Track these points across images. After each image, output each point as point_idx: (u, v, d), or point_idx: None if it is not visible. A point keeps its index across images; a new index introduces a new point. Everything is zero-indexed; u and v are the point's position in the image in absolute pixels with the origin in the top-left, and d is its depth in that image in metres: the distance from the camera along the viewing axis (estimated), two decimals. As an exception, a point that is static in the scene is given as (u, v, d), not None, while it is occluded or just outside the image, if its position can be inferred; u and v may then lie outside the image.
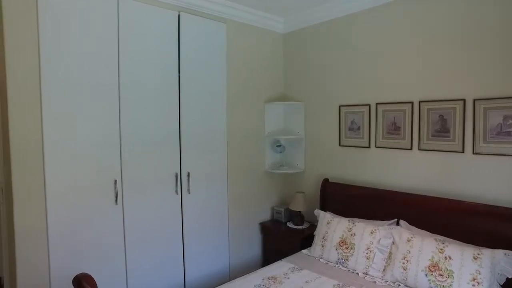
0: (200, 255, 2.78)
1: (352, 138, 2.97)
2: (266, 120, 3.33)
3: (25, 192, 2.04)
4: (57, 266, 2.10)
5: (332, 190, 2.99)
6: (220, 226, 2.93)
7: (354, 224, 2.51)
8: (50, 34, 2.04)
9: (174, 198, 2.60)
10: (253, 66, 3.21)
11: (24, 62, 2.00)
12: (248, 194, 3.19)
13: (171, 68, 2.57)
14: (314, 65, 3.24)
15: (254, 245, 3.27)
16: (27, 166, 2.04)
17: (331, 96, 3.11)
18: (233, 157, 3.03)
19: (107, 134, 2.27)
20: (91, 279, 1.68)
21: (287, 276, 2.30)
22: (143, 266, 2.45)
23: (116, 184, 2.30)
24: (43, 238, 2.09)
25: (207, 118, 2.81)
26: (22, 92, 2.01)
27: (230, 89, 2.99)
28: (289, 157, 3.46)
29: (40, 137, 2.06)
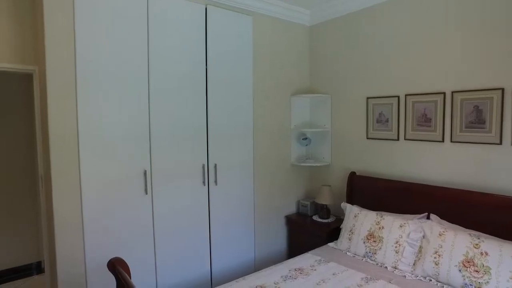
0: (226, 247, 2.82)
1: (380, 130, 2.90)
2: (292, 113, 3.32)
3: (62, 181, 2.14)
4: (91, 251, 2.20)
5: (359, 183, 2.94)
6: (246, 218, 2.95)
7: (382, 218, 2.46)
8: (84, 30, 2.12)
9: (201, 189, 2.65)
10: (279, 59, 3.20)
11: (61, 58, 2.10)
12: (273, 187, 3.19)
13: (199, 61, 2.61)
14: (340, 57, 3.19)
15: (280, 238, 3.28)
16: (64, 156, 2.14)
17: (358, 88, 3.05)
18: (259, 149, 3.05)
19: (137, 126, 2.35)
20: (124, 263, 1.75)
21: (313, 268, 2.29)
22: (171, 254, 2.52)
23: (146, 175, 2.38)
24: (79, 225, 2.19)
25: (233, 110, 2.83)
26: (60, 86, 2.10)
27: (256, 82, 3.00)
28: (315, 150, 3.43)
29: (76, 129, 2.16)
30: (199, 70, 2.62)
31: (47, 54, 2.07)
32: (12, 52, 2.58)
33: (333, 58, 3.25)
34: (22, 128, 3.55)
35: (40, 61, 2.52)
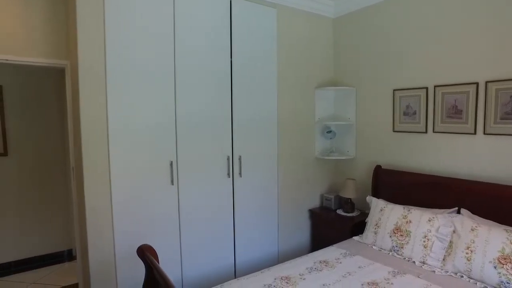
0: (250, 239, 2.84)
1: (407, 123, 2.82)
2: (316, 106, 3.28)
3: (93, 172, 2.22)
4: (119, 239, 2.28)
5: (384, 177, 2.88)
6: (270, 211, 2.96)
7: (409, 212, 2.40)
8: (113, 27, 2.18)
9: (226, 181, 2.68)
10: (303, 51, 3.17)
11: (93, 53, 2.16)
12: (297, 180, 3.18)
13: (224, 54, 2.63)
14: (365, 49, 3.12)
15: (303, 231, 3.27)
16: (95, 148, 2.21)
17: (384, 80, 2.98)
18: (283, 142, 3.04)
19: (164, 118, 2.40)
20: (153, 250, 1.80)
21: (339, 261, 2.27)
22: (196, 244, 2.56)
23: (172, 166, 2.42)
24: (108, 214, 2.27)
25: (258, 103, 2.83)
26: (91, 80, 2.17)
27: (281, 75, 2.99)
28: (340, 143, 3.39)
29: (105, 122, 2.22)
30: (224, 62, 2.64)
31: (79, 50, 2.14)
32: (46, 48, 2.68)
33: (358, 50, 3.19)
34: (55, 121, 3.69)
35: (71, 56, 2.61)
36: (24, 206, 3.56)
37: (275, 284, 1.97)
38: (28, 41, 2.62)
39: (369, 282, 1.95)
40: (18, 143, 3.49)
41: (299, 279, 2.03)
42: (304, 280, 2.02)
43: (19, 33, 2.59)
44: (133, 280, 2.31)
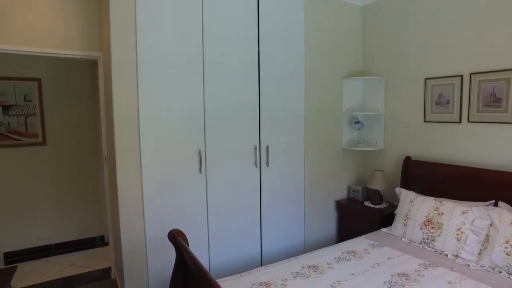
0: (276, 228, 2.85)
1: (439, 113, 2.72)
2: (344, 96, 3.23)
3: (125, 160, 2.29)
4: (150, 225, 2.35)
5: (414, 168, 2.80)
6: (296, 201, 2.96)
7: (441, 204, 2.33)
8: (144, 18, 2.23)
9: (253, 170, 2.70)
10: (331, 40, 3.11)
11: (125, 45, 2.22)
12: (324, 171, 3.15)
13: (251, 43, 2.63)
14: (395, 37, 3.03)
15: (329, 222, 3.24)
16: (127, 137, 2.28)
17: (414, 69, 2.88)
18: (310, 132, 3.01)
19: (193, 107, 2.43)
20: (183, 235, 1.85)
21: (367, 252, 2.24)
22: (223, 232, 2.60)
23: (201, 154, 2.47)
24: (139, 201, 2.34)
25: (285, 93, 2.82)
26: (123, 71, 2.23)
27: (308, 64, 2.95)
28: (367, 134, 3.32)
29: (137, 111, 2.29)
30: (252, 51, 2.64)
31: (112, 42, 2.21)
32: (81, 41, 2.78)
33: (387, 38, 3.10)
34: (89, 112, 3.83)
35: (104, 48, 2.69)
36: (62, 193, 3.74)
37: (303, 272, 1.98)
38: (65, 34, 2.73)
39: (399, 273, 1.92)
40: (55, 133, 3.66)
41: (327, 268, 2.02)
42: (332, 269, 2.01)
43: (56, 27, 2.70)
44: (162, 264, 2.39)
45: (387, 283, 1.82)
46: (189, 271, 1.77)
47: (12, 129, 3.42)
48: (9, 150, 3.41)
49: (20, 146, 3.47)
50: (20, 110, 3.43)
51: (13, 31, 2.57)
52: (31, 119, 3.49)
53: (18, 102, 3.42)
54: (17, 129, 3.44)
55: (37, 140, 3.54)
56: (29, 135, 3.49)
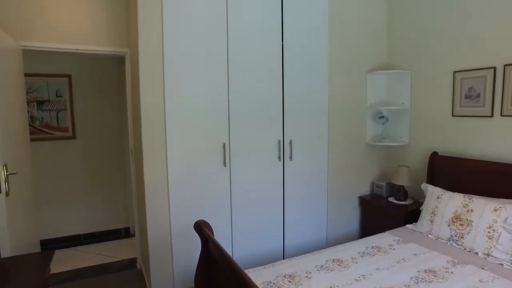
0: (299, 223, 2.86)
1: (469, 107, 2.63)
2: (368, 90, 3.17)
3: (152, 152, 2.36)
4: (175, 216, 2.41)
5: (441, 164, 2.73)
6: (319, 196, 2.94)
7: (471, 200, 2.26)
8: (171, 16, 2.28)
9: (276, 165, 2.71)
10: (355, 33, 3.06)
11: (152, 41, 2.28)
12: (347, 166, 3.12)
13: (275, 36, 2.63)
14: (422, 28, 2.94)
15: (352, 218, 3.21)
16: (153, 130, 2.34)
17: (443, 62, 2.79)
18: (333, 127, 2.99)
19: (217, 101, 2.47)
20: (209, 226, 1.89)
21: (392, 247, 2.21)
22: (246, 225, 2.63)
23: (225, 148, 2.50)
24: (165, 193, 2.40)
25: (309, 87, 2.80)
26: (150, 67, 2.29)
27: (332, 58, 2.92)
28: (392, 129, 3.25)
29: (163, 106, 2.34)
30: (276, 46, 2.64)
31: (139, 38, 2.26)
32: (109, 37, 2.87)
33: (414, 30, 3.01)
34: (115, 107, 3.95)
35: (131, 44, 2.77)
36: (90, 186, 3.89)
37: (327, 266, 1.97)
38: (94, 31, 2.82)
39: (426, 270, 1.88)
40: (84, 127, 3.80)
41: (351, 262, 2.01)
42: (356, 263, 2.00)
43: (86, 24, 2.80)
44: (187, 255, 2.45)
45: (414, 279, 1.79)
46: (215, 261, 1.81)
47: (45, 123, 3.58)
48: (42, 144, 3.57)
49: (52, 140, 3.63)
50: (52, 105, 3.59)
51: (47, 29, 2.69)
52: (62, 114, 3.64)
53: (50, 98, 3.57)
54: (49, 124, 3.59)
55: (68, 134, 3.68)
56: (60, 129, 3.65)
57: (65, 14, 2.74)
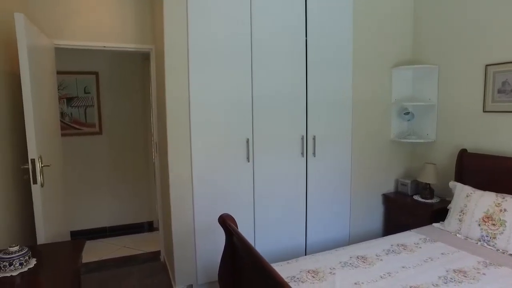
0: (321, 219, 2.84)
1: (502, 102, 2.52)
2: (393, 86, 3.10)
3: (177, 147, 2.40)
4: (198, 210, 2.45)
5: (471, 162, 2.63)
6: (342, 193, 2.91)
7: (504, 199, 2.17)
8: (195, 12, 2.31)
9: (299, 160, 2.70)
10: (380, 27, 3.00)
11: (177, 38, 2.32)
12: (371, 163, 3.07)
13: (299, 30, 2.61)
14: (450, 21, 2.84)
15: (375, 216, 3.15)
16: (178, 125, 2.39)
17: (473, 55, 2.69)
18: (357, 123, 2.94)
19: (241, 97, 2.48)
20: (233, 219, 1.90)
21: (418, 246, 2.16)
22: (269, 220, 2.64)
23: (248, 143, 2.51)
24: (189, 187, 2.44)
25: (333, 82, 2.77)
26: (175, 63, 2.34)
27: (356, 53, 2.87)
28: (418, 125, 3.17)
29: (188, 101, 2.38)
30: (299, 41, 2.62)
31: (165, 35, 2.31)
32: (134, 34, 2.94)
33: (442, 23, 2.91)
34: (139, 102, 4.03)
35: (157, 41, 2.82)
36: (115, 180, 4.00)
37: (351, 262, 1.95)
38: (121, 28, 2.90)
39: (456, 270, 1.83)
40: (110, 123, 3.91)
41: (376, 260, 1.98)
42: (381, 261, 1.97)
43: (113, 22, 2.87)
44: (210, 248, 2.48)
45: (442, 278, 1.74)
46: (238, 254, 1.82)
47: (74, 119, 3.71)
48: (71, 139, 3.70)
49: (80, 135, 3.76)
50: (80, 101, 3.72)
51: (76, 27, 2.78)
52: (89, 110, 3.76)
53: (79, 94, 3.70)
54: (78, 119, 3.72)
55: (95, 129, 3.80)
56: (88, 125, 3.77)
57: (93, 12, 2.82)
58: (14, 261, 1.33)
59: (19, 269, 1.35)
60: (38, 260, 1.46)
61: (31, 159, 2.01)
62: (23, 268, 1.36)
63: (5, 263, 1.32)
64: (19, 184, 2.28)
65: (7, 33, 2.20)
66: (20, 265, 1.35)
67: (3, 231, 1.99)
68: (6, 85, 2.16)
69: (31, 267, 1.39)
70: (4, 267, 1.33)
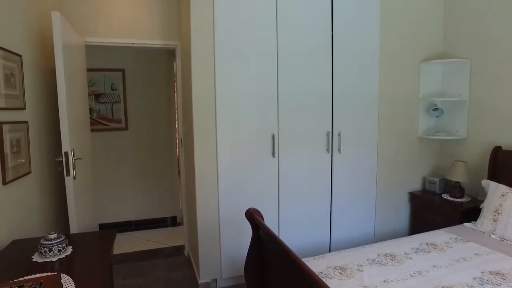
0: (346, 217, 2.80)
1: (540, 98, 2.40)
2: (421, 81, 3.02)
3: (203, 142, 2.43)
4: (223, 204, 2.47)
5: (506, 160, 2.52)
6: (367, 190, 2.86)
7: (542, 199, 2.07)
8: (221, 9, 2.33)
9: (324, 157, 2.67)
10: (408, 21, 2.92)
11: (204, 34, 2.36)
12: (398, 160, 3.00)
13: (325, 25, 2.58)
14: (484, 13, 2.72)
15: (401, 214, 3.08)
16: (204, 120, 2.41)
17: (509, 49, 2.57)
18: (384, 119, 2.88)
19: (267, 92, 2.48)
20: (260, 214, 1.90)
21: (449, 245, 2.09)
22: (293, 216, 2.63)
23: (273, 138, 2.51)
24: (215, 181, 2.47)
25: (359, 78, 2.73)
26: (201, 59, 2.37)
27: (383, 48, 2.81)
28: (447, 122, 3.06)
29: (213, 96, 2.40)
30: (325, 37, 2.59)
31: (192, 32, 2.34)
32: (161, 30, 2.99)
33: (475, 15, 2.80)
34: (163, 99, 4.09)
35: (183, 37, 2.86)
36: (141, 175, 4.07)
37: (379, 260, 1.92)
38: (147, 25, 2.95)
39: (492, 271, 1.76)
40: (135, 119, 3.99)
41: (405, 258, 1.94)
42: (410, 259, 1.92)
43: (140, 19, 2.93)
44: (234, 242, 2.50)
45: (478, 279, 1.68)
46: (265, 249, 1.83)
47: (102, 115, 3.82)
48: (98, 134, 3.81)
49: (107, 131, 3.86)
50: (107, 98, 3.82)
51: (105, 25, 2.85)
52: (116, 106, 3.86)
53: (106, 91, 3.80)
54: (105, 115, 3.83)
55: (121, 125, 3.90)
56: (114, 120, 3.87)
57: (121, 9, 2.89)
58: (53, 248, 1.39)
59: (58, 255, 1.41)
60: (74, 248, 1.51)
61: (65, 151, 2.08)
62: (61, 255, 1.42)
63: (45, 249, 1.38)
64: (53, 177, 2.37)
65: (43, 30, 2.28)
66: (59, 251, 1.41)
67: (40, 220, 2.08)
68: (43, 80, 2.25)
69: (68, 254, 1.45)
70: (45, 252, 1.38)
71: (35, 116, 2.08)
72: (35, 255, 1.44)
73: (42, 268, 1.33)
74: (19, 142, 1.78)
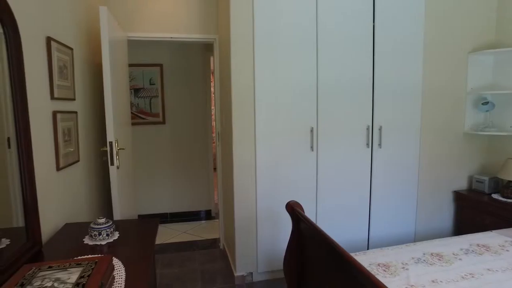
0: (386, 213, 2.70)
1: None
2: (469, 73, 2.83)
3: (241, 135, 2.43)
4: (261, 197, 2.46)
5: None
6: (408, 187, 2.74)
7: None
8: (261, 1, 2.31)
9: (364, 151, 2.59)
10: (457, 7, 2.74)
11: (243, 27, 2.35)
12: (442, 157, 2.84)
13: (366, 17, 2.49)
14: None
15: (445, 214, 2.92)
16: (243, 113, 2.41)
17: None
18: (427, 113, 2.74)
19: (306, 85, 2.44)
20: (300, 206, 1.88)
21: (504, 248, 1.95)
22: (331, 212, 2.57)
23: (312, 132, 2.46)
24: (253, 175, 2.46)
25: (401, 70, 2.61)
26: (241, 51, 2.37)
27: (427, 38, 2.67)
28: (498, 116, 2.86)
29: (252, 89, 2.39)
30: (366, 26, 2.50)
31: (231, 24, 2.34)
32: (198, 24, 3.02)
33: (535, 1, 2.58)
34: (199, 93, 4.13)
35: (221, 31, 2.87)
36: (177, 168, 4.16)
37: (425, 259, 1.83)
38: (186, 19, 2.99)
39: (554, 276, 1.62)
40: (172, 113, 4.07)
41: (454, 258, 1.83)
42: (460, 260, 1.82)
43: (179, 13, 2.98)
44: (271, 236, 2.49)
45: (539, 284, 1.55)
46: (306, 242, 1.79)
47: (140, 109, 3.94)
48: (137, 128, 3.93)
49: (145, 124, 3.98)
50: (146, 92, 3.93)
51: (145, 20, 2.93)
52: (154, 101, 3.97)
53: (145, 86, 3.92)
54: (143, 109, 3.95)
55: (158, 119, 4.00)
56: (152, 114, 3.98)
57: (161, 4, 2.95)
58: (102, 232, 1.44)
59: (106, 239, 1.46)
60: (120, 233, 1.56)
61: (109, 141, 2.16)
62: (109, 239, 1.47)
63: (95, 232, 1.44)
64: (98, 166, 2.47)
65: (90, 24, 2.38)
66: (107, 235, 1.46)
67: (87, 206, 2.18)
68: (89, 73, 2.35)
69: (115, 238, 1.50)
70: (95, 236, 1.44)
71: (83, 107, 2.18)
72: (86, 238, 1.50)
73: (92, 250, 1.38)
74: (70, 131, 1.86)
